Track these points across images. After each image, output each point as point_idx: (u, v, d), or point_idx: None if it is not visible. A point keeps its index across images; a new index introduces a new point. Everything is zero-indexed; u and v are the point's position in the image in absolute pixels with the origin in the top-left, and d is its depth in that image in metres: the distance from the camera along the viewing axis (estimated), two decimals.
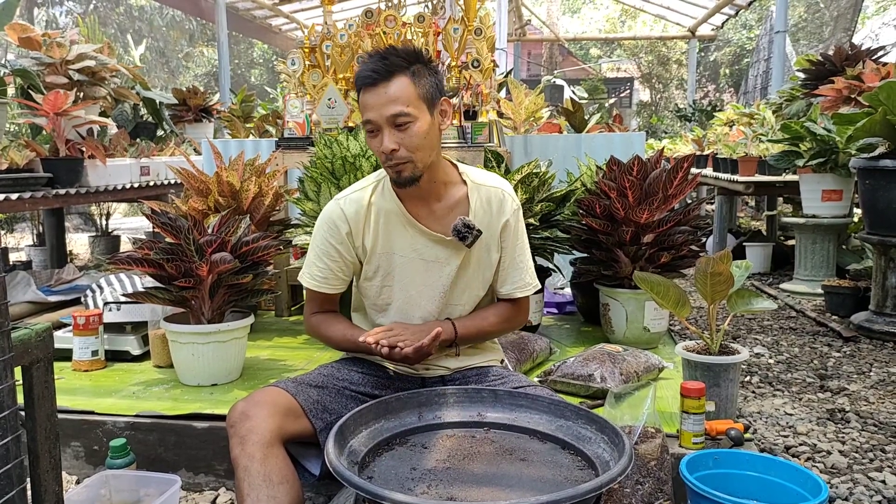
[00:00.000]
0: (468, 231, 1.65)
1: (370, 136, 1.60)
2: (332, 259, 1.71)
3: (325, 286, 1.74)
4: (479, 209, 1.71)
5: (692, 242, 2.62)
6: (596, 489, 1.12)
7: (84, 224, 8.00)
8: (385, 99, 1.55)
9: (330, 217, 1.71)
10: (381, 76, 1.55)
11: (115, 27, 16.22)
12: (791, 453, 2.22)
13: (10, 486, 1.03)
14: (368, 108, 1.57)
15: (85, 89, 3.91)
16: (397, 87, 1.55)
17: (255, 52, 19.52)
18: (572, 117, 4.56)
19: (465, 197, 1.71)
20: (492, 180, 1.76)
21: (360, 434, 1.38)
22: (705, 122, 8.93)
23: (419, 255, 1.70)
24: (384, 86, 1.55)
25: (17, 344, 1.05)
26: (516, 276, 1.76)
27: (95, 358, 2.46)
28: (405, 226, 1.69)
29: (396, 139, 1.56)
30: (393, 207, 1.68)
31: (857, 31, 11.44)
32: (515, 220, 1.75)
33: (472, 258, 1.72)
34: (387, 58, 1.56)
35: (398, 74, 1.56)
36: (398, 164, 1.58)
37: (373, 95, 1.56)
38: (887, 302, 3.47)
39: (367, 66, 1.57)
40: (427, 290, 1.71)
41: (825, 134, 4.15)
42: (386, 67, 1.55)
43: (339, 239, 1.70)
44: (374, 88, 1.55)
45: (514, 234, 1.75)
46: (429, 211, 1.70)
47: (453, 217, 1.68)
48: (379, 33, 3.48)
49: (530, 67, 16.60)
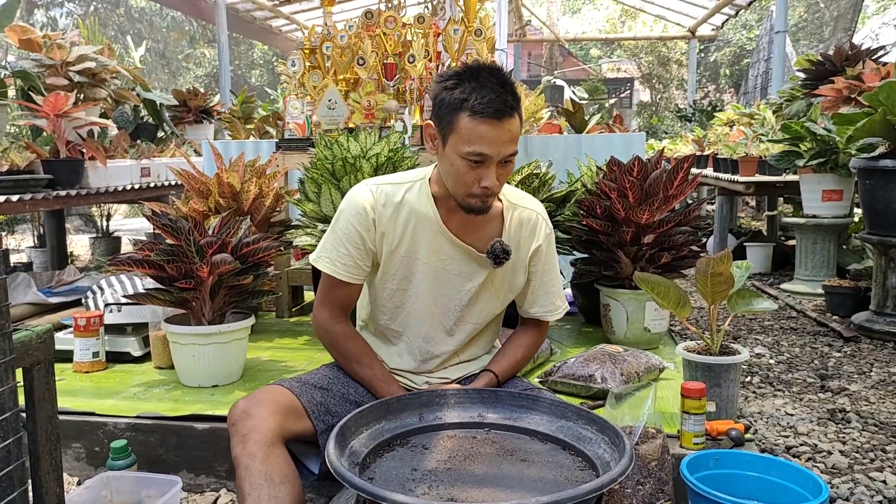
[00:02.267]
0: (505, 255, 1.62)
1: (471, 165, 1.49)
2: (356, 246, 1.62)
3: (345, 274, 1.63)
4: (512, 228, 1.69)
5: (693, 243, 2.62)
6: (596, 490, 1.12)
7: (85, 225, 7.99)
8: (508, 137, 1.47)
9: (359, 201, 1.63)
10: (507, 112, 1.46)
11: (115, 29, 16.23)
12: (792, 453, 2.22)
13: (11, 488, 1.03)
14: (487, 142, 1.46)
15: (85, 91, 3.92)
16: (515, 126, 1.49)
17: (256, 53, 19.53)
18: (572, 118, 4.56)
19: (500, 214, 1.68)
20: (527, 202, 1.74)
21: (360, 435, 1.38)
22: (705, 122, 8.92)
23: (443, 265, 1.66)
24: (509, 122, 1.47)
25: (17, 346, 1.05)
26: (546, 300, 1.75)
27: (96, 359, 2.46)
28: (436, 233, 1.64)
29: (498, 175, 1.51)
30: (428, 213, 1.63)
31: (857, 31, 11.45)
32: (548, 244, 1.73)
33: (497, 278, 1.69)
34: (512, 91, 1.48)
35: (517, 109, 1.50)
36: (489, 197, 1.54)
37: (496, 130, 1.45)
38: (888, 302, 3.47)
39: (495, 96, 1.45)
40: (443, 301, 1.68)
41: (825, 134, 4.15)
42: (514, 103, 1.48)
43: (366, 225, 1.62)
44: (499, 122, 1.45)
45: (546, 258, 1.73)
46: (462, 223, 1.64)
47: (486, 232, 1.65)
48: (379, 34, 3.49)
49: (530, 68, 16.61)
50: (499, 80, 1.48)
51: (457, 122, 1.48)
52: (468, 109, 1.46)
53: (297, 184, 2.94)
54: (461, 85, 1.49)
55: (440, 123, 1.53)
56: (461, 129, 1.47)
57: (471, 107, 1.46)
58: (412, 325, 1.71)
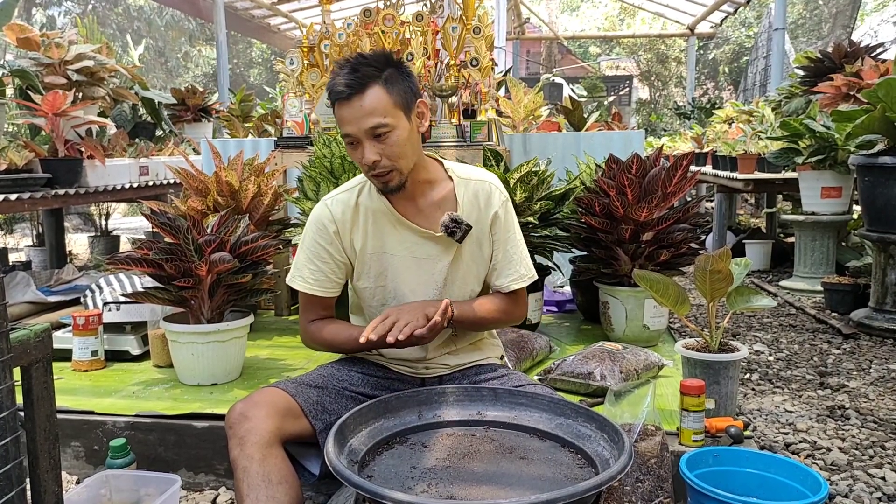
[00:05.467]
0: (456, 226, 1.64)
1: (350, 147, 1.59)
2: (323, 261, 1.70)
3: (318, 289, 1.71)
4: (467, 204, 1.70)
5: (691, 240, 2.62)
6: (596, 487, 1.12)
7: (83, 224, 7.99)
8: (361, 112, 1.53)
9: (318, 218, 1.71)
10: (354, 89, 1.52)
11: (113, 27, 16.21)
12: (791, 450, 2.22)
13: (9, 487, 1.03)
14: (345, 123, 1.55)
15: (84, 89, 3.91)
16: (372, 99, 1.53)
17: (254, 51, 19.51)
18: (571, 115, 4.56)
19: (452, 192, 1.70)
20: (478, 174, 1.75)
21: (359, 433, 1.38)
22: (704, 119, 8.93)
23: (411, 253, 1.69)
24: (358, 98, 1.53)
25: (15, 345, 1.05)
26: (510, 269, 1.74)
27: (95, 358, 2.46)
28: (395, 225, 1.68)
29: (377, 150, 1.55)
30: (381, 207, 1.68)
31: (856, 28, 11.45)
32: (504, 211, 1.73)
33: (465, 253, 1.71)
34: (358, 69, 1.53)
35: (371, 84, 1.53)
36: (382, 174, 1.58)
37: (348, 109, 1.53)
38: (887, 299, 3.47)
39: (339, 79, 1.54)
40: (421, 287, 1.71)
41: (824, 131, 4.15)
42: (358, 80, 1.52)
43: (328, 239, 1.69)
44: (349, 102, 1.53)
45: (505, 226, 1.73)
46: (417, 209, 1.69)
47: (441, 213, 1.67)
48: (377, 32, 3.48)
49: (529, 66, 16.61)
50: (353, 62, 1.55)
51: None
52: (330, 100, 1.58)
53: (296, 182, 2.94)
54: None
55: None
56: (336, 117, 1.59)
57: (329, 96, 1.58)
58: None
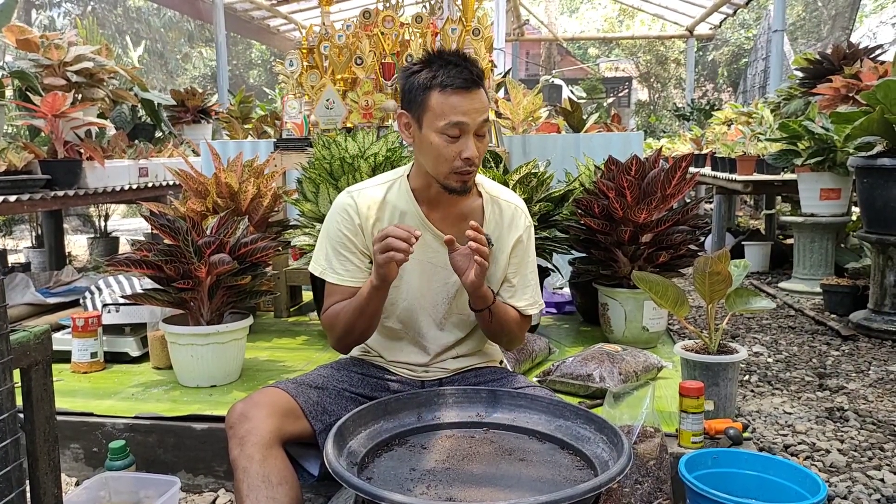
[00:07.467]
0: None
1: (449, 140, 1.53)
2: (350, 251, 1.66)
3: (351, 280, 1.66)
4: (493, 221, 1.70)
5: (691, 242, 2.62)
6: (595, 489, 1.12)
7: (83, 226, 7.99)
8: (479, 105, 1.53)
9: (343, 207, 1.68)
10: (474, 83, 1.53)
11: (113, 28, 16.21)
12: (790, 452, 2.22)
13: (9, 489, 1.03)
14: (461, 112, 1.52)
15: (83, 91, 3.91)
16: (483, 98, 1.55)
17: (254, 52, 19.51)
18: (570, 117, 4.56)
19: (481, 208, 1.71)
20: (507, 195, 1.76)
21: (359, 435, 1.38)
22: (703, 121, 8.94)
23: (429, 258, 1.68)
24: (476, 92, 1.54)
25: (15, 346, 1.05)
26: (528, 293, 1.74)
27: (94, 360, 2.46)
28: (419, 228, 1.65)
29: (476, 147, 1.56)
30: (410, 209, 1.67)
31: (855, 30, 11.47)
32: (528, 237, 1.74)
33: None
34: (475, 65, 1.55)
35: (482, 86, 1.56)
36: (470, 171, 1.57)
37: (467, 99, 1.52)
38: (886, 300, 3.47)
39: (457, 69, 1.52)
40: (432, 294, 1.70)
41: (823, 133, 4.16)
42: (477, 75, 1.54)
43: (354, 230, 1.66)
44: (468, 93, 1.52)
45: (526, 251, 1.74)
46: (443, 216, 1.68)
47: (466, 225, 1.65)
48: (377, 34, 3.49)
49: (528, 67, 16.62)
50: (461, 56, 1.55)
51: (428, 100, 1.53)
52: (438, 86, 1.52)
53: (295, 183, 2.94)
54: (427, 67, 1.56)
55: (412, 108, 1.58)
56: (434, 105, 1.53)
57: (440, 83, 1.52)
58: (407, 321, 1.73)
